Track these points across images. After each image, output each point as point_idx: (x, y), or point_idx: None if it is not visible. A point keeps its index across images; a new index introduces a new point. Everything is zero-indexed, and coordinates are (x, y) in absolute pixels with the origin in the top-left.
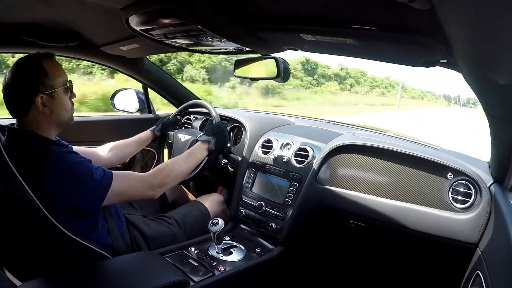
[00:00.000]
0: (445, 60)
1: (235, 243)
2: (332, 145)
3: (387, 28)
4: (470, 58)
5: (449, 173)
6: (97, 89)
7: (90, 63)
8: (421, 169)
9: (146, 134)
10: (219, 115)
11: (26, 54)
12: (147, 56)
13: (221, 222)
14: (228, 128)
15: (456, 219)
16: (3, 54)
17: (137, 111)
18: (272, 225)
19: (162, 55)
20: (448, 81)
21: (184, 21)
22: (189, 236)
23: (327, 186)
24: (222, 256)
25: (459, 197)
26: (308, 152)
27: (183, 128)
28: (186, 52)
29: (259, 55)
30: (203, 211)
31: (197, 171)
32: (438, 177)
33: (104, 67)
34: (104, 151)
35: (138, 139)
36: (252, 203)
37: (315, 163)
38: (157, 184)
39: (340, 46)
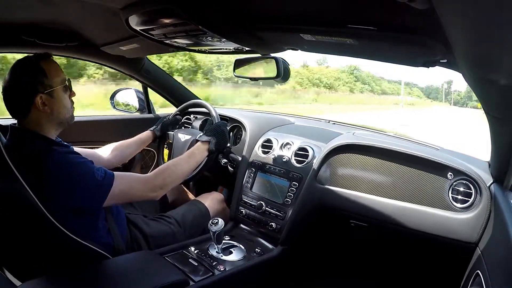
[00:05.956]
0: (445, 60)
1: (235, 243)
2: (332, 145)
3: (387, 28)
4: (470, 58)
5: (449, 173)
6: None
7: None
8: (421, 169)
9: (146, 134)
10: (219, 115)
11: (25, 55)
12: (147, 56)
13: (221, 221)
14: (228, 128)
15: (456, 218)
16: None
17: (137, 111)
18: (272, 225)
19: None
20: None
21: (184, 21)
22: (189, 235)
23: (327, 186)
24: (222, 256)
25: (459, 197)
26: (308, 152)
27: (183, 128)
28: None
29: (259, 55)
30: (203, 210)
31: (197, 171)
32: (438, 176)
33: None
34: (104, 152)
35: (139, 139)
36: (252, 202)
37: (315, 163)
38: (158, 186)
39: (340, 46)
